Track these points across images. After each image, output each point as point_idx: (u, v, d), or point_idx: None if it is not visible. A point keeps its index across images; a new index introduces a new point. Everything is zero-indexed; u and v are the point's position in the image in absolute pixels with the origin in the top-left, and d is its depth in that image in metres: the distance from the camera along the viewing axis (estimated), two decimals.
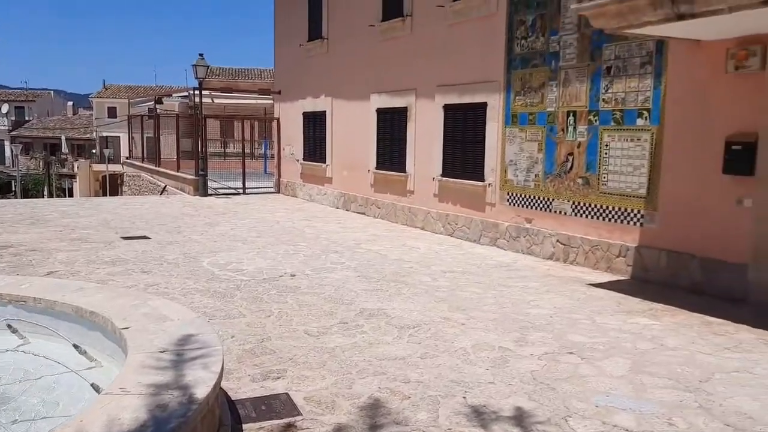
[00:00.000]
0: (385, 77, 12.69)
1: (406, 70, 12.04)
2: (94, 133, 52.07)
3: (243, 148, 19.94)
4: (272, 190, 18.51)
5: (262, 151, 27.05)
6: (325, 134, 15.39)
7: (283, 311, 6.02)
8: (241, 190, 18.05)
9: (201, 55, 17.85)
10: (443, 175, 11.09)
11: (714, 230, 6.85)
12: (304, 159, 16.63)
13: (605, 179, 8.07)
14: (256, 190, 18.46)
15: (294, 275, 7.61)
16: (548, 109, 8.88)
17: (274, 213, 13.81)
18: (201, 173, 17.17)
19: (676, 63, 7.19)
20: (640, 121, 7.61)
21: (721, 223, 6.77)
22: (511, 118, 9.53)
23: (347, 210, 14.31)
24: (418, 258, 8.92)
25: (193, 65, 17.73)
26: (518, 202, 9.48)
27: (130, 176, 26.15)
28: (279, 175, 18.33)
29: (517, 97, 9.40)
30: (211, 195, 17.27)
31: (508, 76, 9.53)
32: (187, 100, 31.29)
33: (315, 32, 15.49)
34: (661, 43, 7.28)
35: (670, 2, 5.56)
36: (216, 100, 30.32)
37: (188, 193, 17.71)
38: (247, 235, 10.57)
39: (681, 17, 5.59)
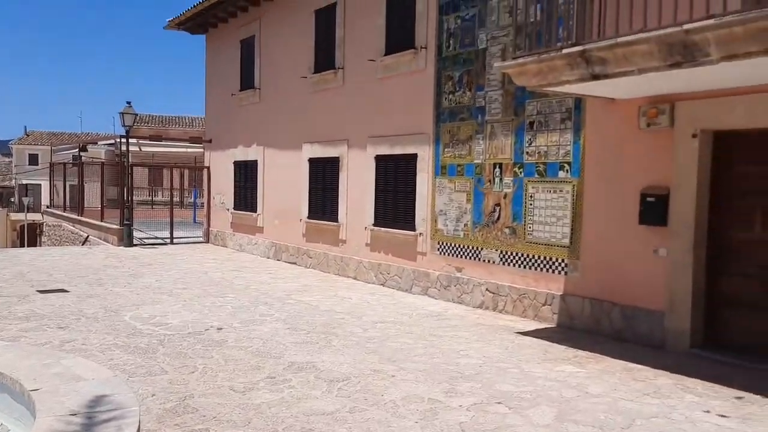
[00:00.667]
0: (318, 127, 12.80)
1: (338, 121, 12.18)
2: (14, 181, 49.85)
3: (171, 197, 19.51)
4: (201, 239, 18.11)
5: (192, 200, 26.54)
6: (256, 183, 15.27)
7: (208, 367, 5.81)
8: (168, 240, 17.56)
9: (129, 103, 17.55)
10: (375, 224, 11.15)
11: (633, 279, 7.13)
12: (234, 208, 16.40)
13: (531, 229, 8.32)
14: (184, 239, 18.01)
15: (221, 328, 7.40)
16: (476, 161, 9.13)
17: (203, 263, 13.48)
18: (126, 223, 16.63)
19: (593, 119, 7.57)
20: (561, 174, 7.93)
21: (640, 271, 7.06)
22: (441, 169, 9.75)
23: (278, 260, 14.13)
24: (350, 308, 8.85)
25: (120, 113, 17.38)
26: (448, 251, 9.62)
27: (50, 226, 25.03)
28: (209, 225, 17.98)
29: (446, 149, 9.64)
30: (136, 245, 16.71)
31: (437, 128, 9.78)
32: (114, 148, 30.53)
33: (247, 82, 15.53)
34: (579, 100, 7.66)
35: (585, 63, 5.89)
36: (144, 149, 29.67)
37: (112, 244, 17.08)
38: (173, 287, 10.24)
39: (595, 77, 5.93)
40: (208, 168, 18.00)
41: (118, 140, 21.10)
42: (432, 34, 9.81)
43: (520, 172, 8.45)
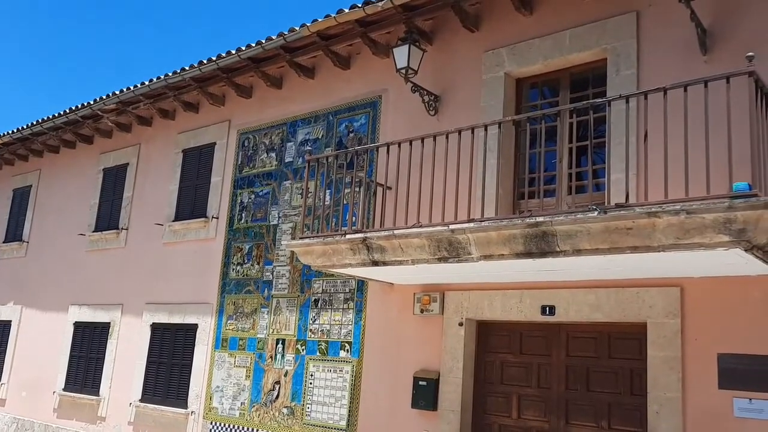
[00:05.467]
0: (90, 289, 11.77)
1: (114, 284, 11.35)
2: None
3: None
4: None
5: None
6: (6, 347, 13.30)
7: None
8: None
9: None
10: (143, 400, 10.11)
11: None
12: None
13: (309, 410, 8.10)
14: None
15: None
16: (259, 335, 8.92)
17: None
18: None
19: (374, 301, 7.90)
20: (342, 353, 8.00)
21: None
22: (221, 342, 9.34)
23: None
24: None
25: None
26: None
27: None
28: None
29: (229, 321, 9.34)
30: None
31: (222, 299, 9.52)
32: None
33: (14, 233, 14.09)
34: (362, 282, 8.00)
35: (366, 249, 6.26)
36: None
37: None
38: None
39: (375, 263, 6.29)
40: None
41: None
42: (225, 206, 9.88)
43: (303, 350, 8.39)
